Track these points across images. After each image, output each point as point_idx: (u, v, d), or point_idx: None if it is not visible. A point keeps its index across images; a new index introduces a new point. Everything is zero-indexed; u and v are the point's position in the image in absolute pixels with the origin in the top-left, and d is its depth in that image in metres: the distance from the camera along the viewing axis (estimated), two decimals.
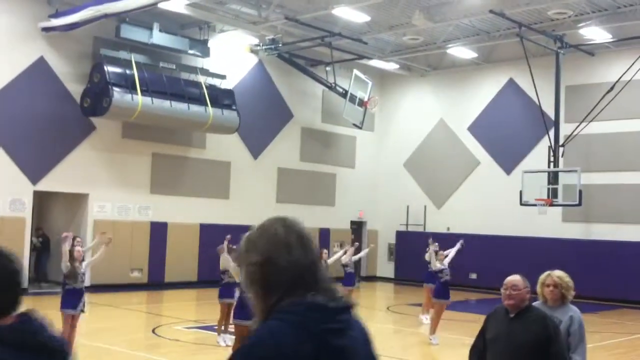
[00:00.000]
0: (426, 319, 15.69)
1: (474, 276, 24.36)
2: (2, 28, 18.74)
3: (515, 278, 4.94)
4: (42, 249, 20.78)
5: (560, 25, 21.14)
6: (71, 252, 10.61)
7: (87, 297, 11.23)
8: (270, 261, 2.16)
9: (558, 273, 5.39)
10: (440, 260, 14.48)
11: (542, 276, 5.40)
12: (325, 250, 15.95)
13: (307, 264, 2.18)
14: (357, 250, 17.75)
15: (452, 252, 15.10)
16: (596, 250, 22.28)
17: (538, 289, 5.39)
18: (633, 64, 20.29)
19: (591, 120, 21.08)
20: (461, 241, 15.73)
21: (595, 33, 21.21)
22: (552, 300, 5.32)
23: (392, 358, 11.69)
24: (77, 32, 18.99)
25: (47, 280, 20.30)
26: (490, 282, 24.43)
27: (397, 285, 26.04)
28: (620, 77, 20.49)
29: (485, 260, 23.93)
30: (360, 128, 25.67)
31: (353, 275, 17.03)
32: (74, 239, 13.00)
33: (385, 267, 27.88)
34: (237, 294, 11.39)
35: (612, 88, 20.54)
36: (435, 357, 13.46)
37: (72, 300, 10.32)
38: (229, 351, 10.55)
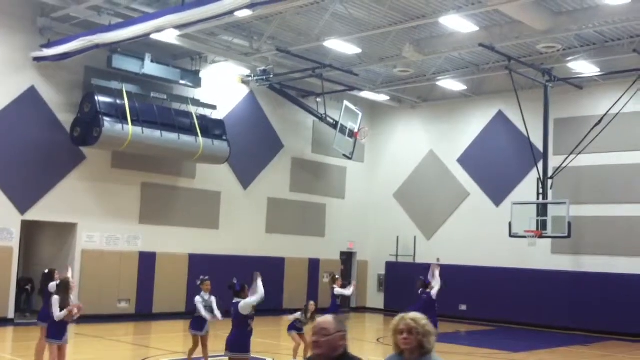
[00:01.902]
0: None
1: (463, 307, 24.29)
2: None
3: (325, 319, 3.99)
4: (28, 280, 20.62)
5: (549, 59, 21.37)
6: (65, 282, 10.48)
7: (74, 329, 11.08)
8: None
9: (412, 315, 4.27)
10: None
11: (395, 321, 4.29)
12: (338, 277, 16.11)
13: None
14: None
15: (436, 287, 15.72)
16: (585, 282, 22.30)
17: (392, 337, 4.32)
18: (621, 97, 20.46)
19: (579, 153, 21.20)
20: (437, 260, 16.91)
21: (583, 67, 21.42)
22: (408, 351, 4.17)
23: None
24: (68, 61, 19.05)
25: (32, 311, 20.07)
26: (480, 313, 24.47)
27: (387, 316, 25.87)
28: (608, 110, 20.66)
29: (474, 292, 23.93)
30: (351, 159, 25.74)
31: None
32: (54, 271, 12.82)
33: (375, 298, 27.79)
34: (207, 327, 12.07)
35: (600, 121, 20.71)
36: None
37: (58, 331, 10.22)
38: None
